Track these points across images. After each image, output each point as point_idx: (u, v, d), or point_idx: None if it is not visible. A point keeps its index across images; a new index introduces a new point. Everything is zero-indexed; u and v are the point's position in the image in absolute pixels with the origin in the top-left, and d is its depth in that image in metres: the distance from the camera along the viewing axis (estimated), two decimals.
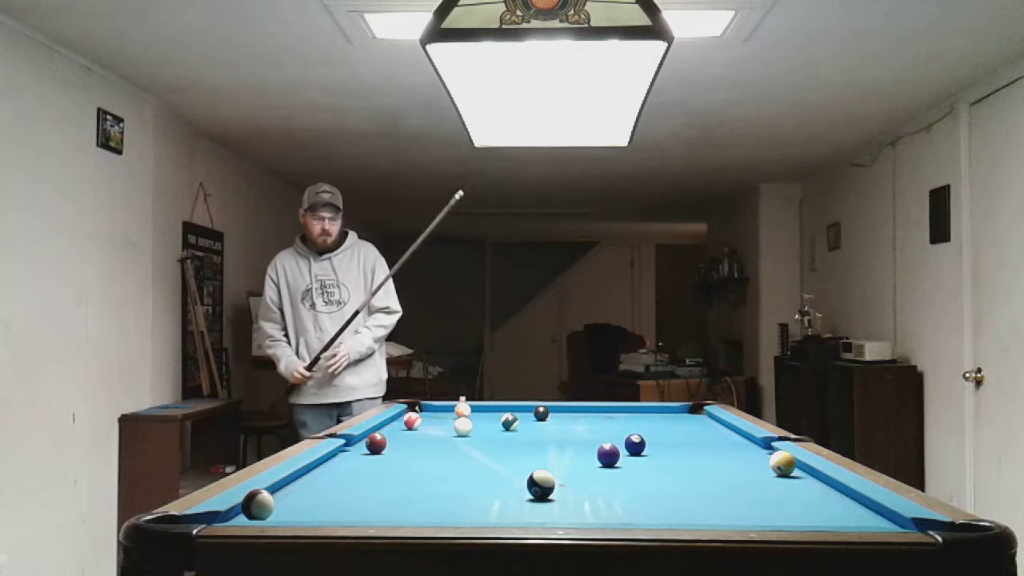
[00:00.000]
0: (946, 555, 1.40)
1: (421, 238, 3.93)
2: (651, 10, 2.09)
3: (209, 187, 5.51)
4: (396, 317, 4.21)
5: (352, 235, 4.28)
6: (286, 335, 4.21)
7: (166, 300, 4.89)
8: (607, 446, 2.31)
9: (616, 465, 2.30)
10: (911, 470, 4.86)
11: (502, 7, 2.09)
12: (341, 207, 4.16)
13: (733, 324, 8.32)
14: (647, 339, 10.12)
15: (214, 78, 4.26)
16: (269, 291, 4.23)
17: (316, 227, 4.10)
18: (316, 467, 2.28)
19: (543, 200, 8.48)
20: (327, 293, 4.12)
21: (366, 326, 4.13)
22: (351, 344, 4.05)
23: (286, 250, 4.30)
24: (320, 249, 4.17)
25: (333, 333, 4.03)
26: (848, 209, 6.18)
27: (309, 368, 4.07)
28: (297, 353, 4.16)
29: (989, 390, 4.23)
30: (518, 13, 2.09)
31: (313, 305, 4.13)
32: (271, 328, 4.22)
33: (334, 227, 4.13)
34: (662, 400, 6.76)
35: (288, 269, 4.21)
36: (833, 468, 2.09)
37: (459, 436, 2.94)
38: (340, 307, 4.13)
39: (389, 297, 4.21)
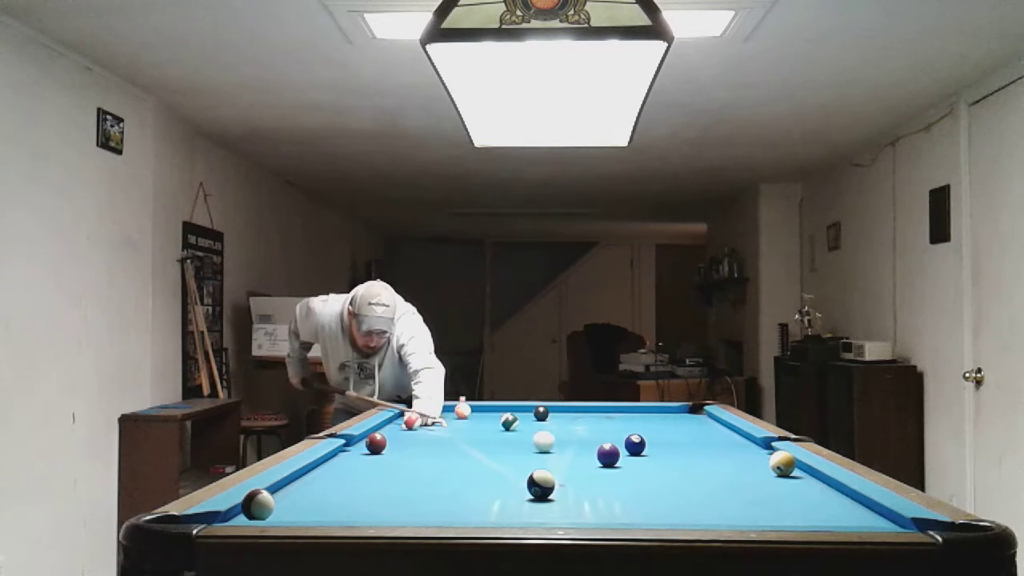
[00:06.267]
0: (946, 555, 1.40)
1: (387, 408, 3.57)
2: (651, 10, 2.09)
3: (209, 187, 5.51)
4: (440, 373, 3.68)
5: (396, 311, 3.76)
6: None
7: (166, 300, 4.89)
8: (607, 446, 2.31)
9: (616, 465, 2.29)
10: (911, 470, 4.86)
11: (502, 7, 2.09)
12: (394, 317, 3.68)
13: (733, 324, 8.32)
14: (647, 339, 10.12)
15: (214, 78, 4.26)
16: (306, 331, 3.97)
17: (360, 340, 3.69)
18: (316, 467, 2.28)
19: (543, 200, 8.47)
20: (365, 370, 3.83)
21: (421, 393, 3.53)
22: (427, 408, 3.42)
23: (332, 312, 3.84)
24: None
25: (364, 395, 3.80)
26: (848, 209, 6.18)
27: (304, 383, 4.16)
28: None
29: (989, 390, 4.23)
30: (518, 13, 2.09)
31: (348, 378, 3.85)
32: (292, 342, 4.12)
33: (381, 342, 3.71)
34: (662, 400, 6.76)
35: (328, 336, 3.86)
36: (833, 468, 2.09)
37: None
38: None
39: (423, 357, 3.70)
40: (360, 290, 3.70)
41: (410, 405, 3.48)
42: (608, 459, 2.30)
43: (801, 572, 1.43)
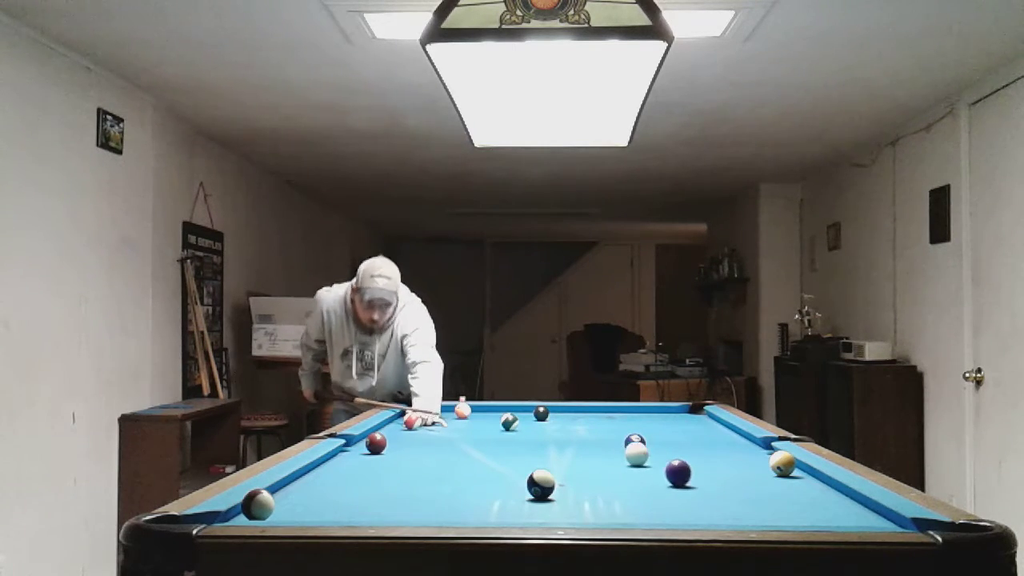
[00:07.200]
0: (946, 555, 1.40)
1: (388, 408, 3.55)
2: (651, 10, 2.09)
3: (209, 187, 5.51)
4: (439, 368, 3.68)
5: (400, 297, 3.77)
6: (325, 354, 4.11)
7: (166, 300, 4.89)
8: (675, 463, 2.01)
9: (688, 485, 2.00)
10: (911, 470, 4.86)
11: (502, 7, 2.09)
12: (397, 291, 3.71)
13: (733, 324, 8.32)
14: (647, 339, 10.13)
15: (214, 78, 4.26)
16: (314, 325, 3.99)
17: (364, 315, 3.70)
18: (316, 467, 2.28)
19: (543, 200, 8.47)
20: (365, 358, 3.81)
21: (419, 390, 3.54)
22: (426, 406, 3.42)
23: (336, 296, 3.88)
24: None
25: (363, 392, 3.80)
26: (848, 209, 6.18)
27: (317, 396, 4.22)
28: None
29: (989, 390, 4.23)
30: (518, 13, 2.09)
31: (351, 366, 3.83)
32: (305, 355, 4.16)
33: (385, 316, 3.71)
34: (662, 400, 6.76)
35: (334, 321, 3.87)
36: (833, 468, 2.09)
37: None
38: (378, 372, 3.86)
39: (423, 349, 3.70)
40: (363, 265, 3.75)
41: (410, 403, 3.48)
42: (678, 478, 1.99)
43: (801, 572, 1.43)
